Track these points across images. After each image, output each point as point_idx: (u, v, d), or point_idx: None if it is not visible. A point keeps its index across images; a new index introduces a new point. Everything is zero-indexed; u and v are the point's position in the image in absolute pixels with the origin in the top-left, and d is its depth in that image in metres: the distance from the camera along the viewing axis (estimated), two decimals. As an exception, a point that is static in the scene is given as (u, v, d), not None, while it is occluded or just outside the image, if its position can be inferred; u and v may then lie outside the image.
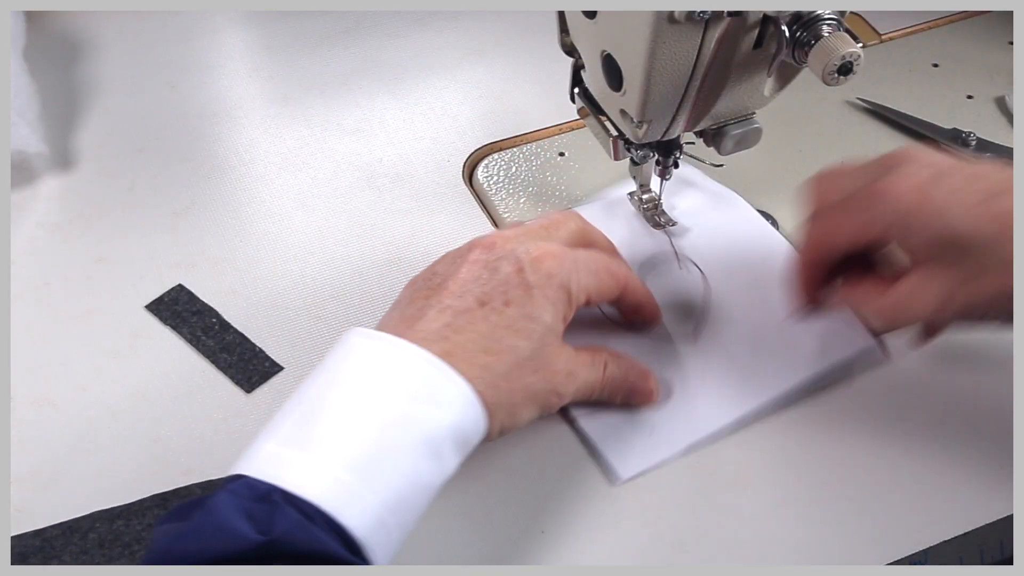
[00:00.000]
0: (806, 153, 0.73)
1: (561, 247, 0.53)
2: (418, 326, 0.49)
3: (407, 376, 0.47)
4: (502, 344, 0.49)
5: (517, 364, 0.50)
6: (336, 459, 0.43)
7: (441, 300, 0.51)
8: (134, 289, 0.65)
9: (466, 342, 0.49)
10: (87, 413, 0.59)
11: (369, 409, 0.45)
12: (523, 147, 0.74)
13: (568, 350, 0.52)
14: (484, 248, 0.53)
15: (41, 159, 0.73)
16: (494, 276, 0.51)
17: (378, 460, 0.44)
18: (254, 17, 0.86)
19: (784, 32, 0.51)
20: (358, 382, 0.47)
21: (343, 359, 0.48)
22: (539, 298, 0.51)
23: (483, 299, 0.50)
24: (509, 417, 0.50)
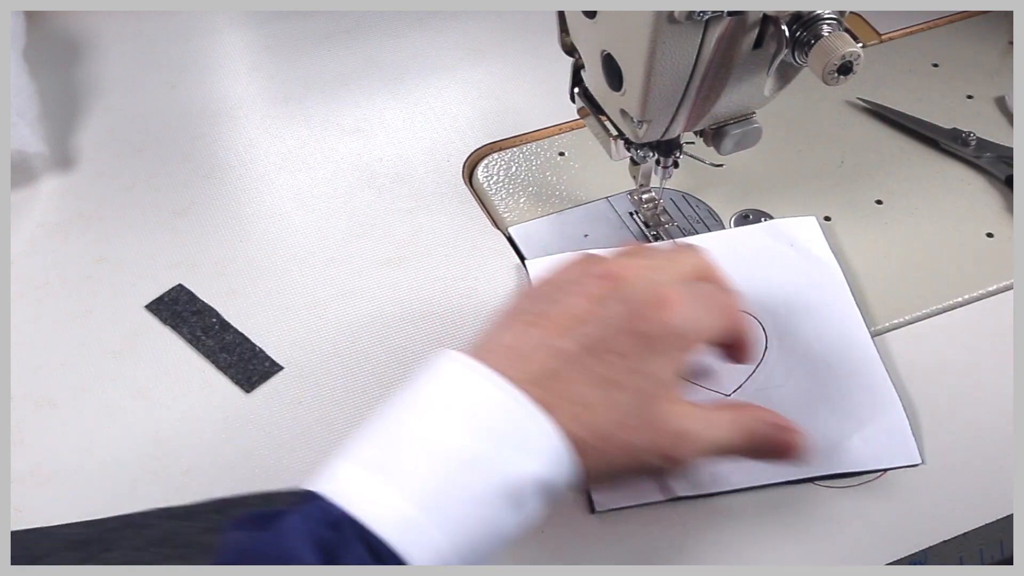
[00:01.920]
0: (806, 153, 0.73)
1: (679, 289, 0.48)
2: (519, 363, 0.45)
3: (499, 419, 0.43)
4: (605, 398, 0.45)
5: (619, 421, 0.45)
6: (412, 493, 0.41)
7: (546, 336, 0.46)
8: (134, 289, 0.65)
9: (567, 391, 0.45)
10: (87, 413, 0.59)
11: (454, 446, 0.42)
12: (523, 147, 0.74)
13: (684, 407, 0.47)
14: (599, 279, 0.48)
15: (41, 159, 0.73)
16: (606, 319, 0.46)
17: (456, 501, 0.41)
18: (254, 17, 0.86)
19: (784, 32, 0.51)
20: (446, 414, 0.43)
21: (433, 381, 0.45)
22: (651, 350, 0.46)
23: (591, 345, 0.46)
24: (606, 476, 0.46)
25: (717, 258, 0.56)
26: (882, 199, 0.70)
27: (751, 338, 0.52)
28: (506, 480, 0.42)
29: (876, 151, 0.73)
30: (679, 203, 0.69)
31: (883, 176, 0.72)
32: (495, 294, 0.65)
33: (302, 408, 0.59)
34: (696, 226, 0.68)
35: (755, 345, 0.53)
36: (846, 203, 0.70)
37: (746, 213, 0.69)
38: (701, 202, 0.70)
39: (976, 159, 0.71)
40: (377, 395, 0.59)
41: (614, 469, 0.46)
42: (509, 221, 0.69)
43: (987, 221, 0.68)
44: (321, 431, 0.58)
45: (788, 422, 0.49)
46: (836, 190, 0.71)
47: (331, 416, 0.58)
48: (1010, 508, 0.53)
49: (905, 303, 0.63)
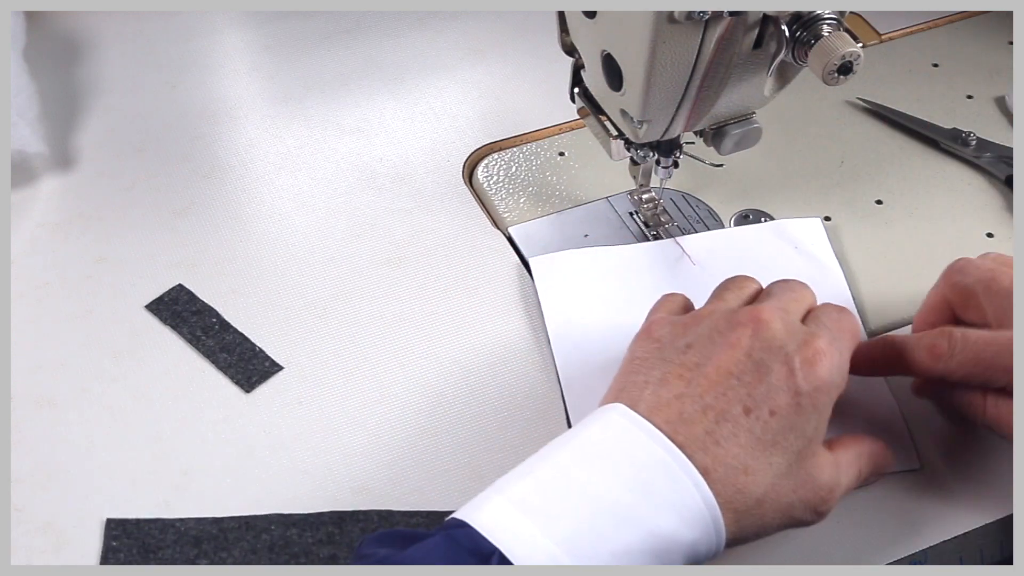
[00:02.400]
0: (806, 153, 0.73)
1: (825, 338, 0.48)
2: (682, 424, 0.45)
3: (659, 478, 0.44)
4: (764, 462, 0.45)
5: (774, 485, 0.45)
6: (564, 541, 0.42)
7: (702, 394, 0.46)
8: (134, 289, 0.65)
9: (726, 457, 0.45)
10: (87, 413, 0.59)
11: (608, 498, 0.43)
12: (523, 147, 0.74)
13: (827, 457, 0.48)
14: (750, 327, 0.48)
15: (41, 159, 0.73)
16: (762, 377, 0.46)
17: (602, 552, 0.42)
18: (254, 17, 0.86)
19: (784, 32, 0.51)
20: (605, 465, 0.44)
21: (598, 432, 0.46)
22: (807, 408, 0.46)
23: (749, 405, 0.46)
24: (754, 535, 0.47)
25: (720, 256, 0.56)
26: (882, 199, 0.70)
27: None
28: (655, 538, 0.43)
29: (876, 151, 0.73)
30: (679, 203, 0.69)
31: (883, 176, 0.72)
32: (495, 294, 0.65)
33: (302, 408, 0.59)
34: (696, 226, 0.68)
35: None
36: (846, 203, 0.70)
37: (746, 213, 0.69)
38: (701, 202, 0.70)
39: (976, 159, 0.71)
40: (377, 395, 0.59)
41: (764, 529, 0.46)
42: (509, 221, 0.69)
43: (987, 221, 0.68)
44: (321, 431, 0.58)
45: (883, 444, 0.52)
46: (836, 190, 0.71)
47: (331, 416, 0.58)
48: (1010, 508, 0.53)
49: (905, 303, 0.63)
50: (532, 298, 0.64)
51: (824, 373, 0.47)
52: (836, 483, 0.48)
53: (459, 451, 0.57)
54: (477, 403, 0.59)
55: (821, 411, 0.47)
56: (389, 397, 0.59)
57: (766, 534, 0.47)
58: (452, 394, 0.59)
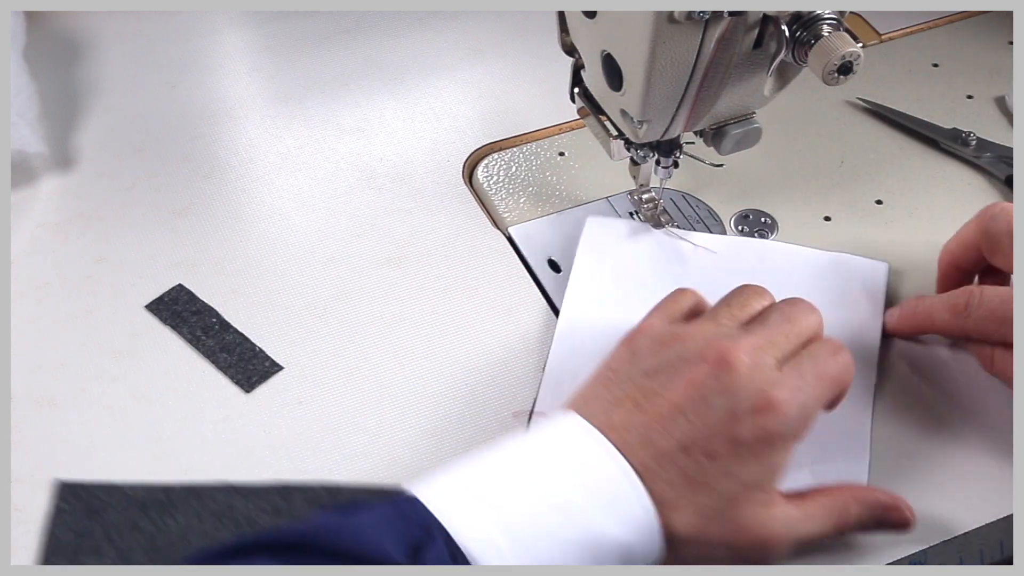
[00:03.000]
0: (806, 153, 0.73)
1: (787, 388, 0.47)
2: (624, 448, 0.46)
3: (601, 481, 0.45)
4: (690, 500, 0.46)
5: (700, 525, 0.46)
6: (503, 522, 0.43)
7: (648, 427, 0.47)
8: (134, 289, 0.65)
9: (657, 490, 0.46)
10: (87, 413, 0.59)
11: (552, 492, 0.45)
12: (523, 147, 0.74)
13: (772, 510, 0.47)
14: (710, 366, 0.47)
15: (41, 159, 0.73)
16: (705, 417, 0.46)
17: (540, 539, 0.44)
18: (254, 17, 0.86)
19: (784, 32, 0.51)
20: (552, 463, 0.46)
21: (551, 434, 0.47)
22: (745, 455, 0.46)
23: (686, 444, 0.46)
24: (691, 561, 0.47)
25: (769, 268, 0.58)
26: (882, 199, 0.70)
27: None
28: (591, 535, 0.44)
29: (876, 151, 0.73)
30: (679, 203, 0.69)
31: (883, 176, 0.72)
32: (495, 294, 0.65)
33: (302, 408, 0.59)
34: (696, 226, 0.68)
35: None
36: (846, 203, 0.70)
37: (746, 213, 0.69)
38: (701, 202, 0.70)
39: (976, 159, 0.71)
40: (377, 395, 0.59)
41: (705, 550, 0.47)
42: (509, 221, 0.69)
43: (987, 221, 0.68)
44: (321, 431, 0.58)
45: (890, 496, 0.50)
46: (836, 190, 0.71)
47: (331, 416, 0.58)
48: (1010, 508, 0.53)
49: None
50: (532, 298, 0.64)
51: (772, 425, 0.46)
52: (772, 537, 0.47)
53: (459, 451, 0.57)
54: (477, 403, 0.59)
55: (766, 460, 0.46)
56: (389, 397, 0.59)
57: (710, 556, 0.47)
58: (452, 394, 0.59)
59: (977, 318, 0.55)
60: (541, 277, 0.66)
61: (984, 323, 0.55)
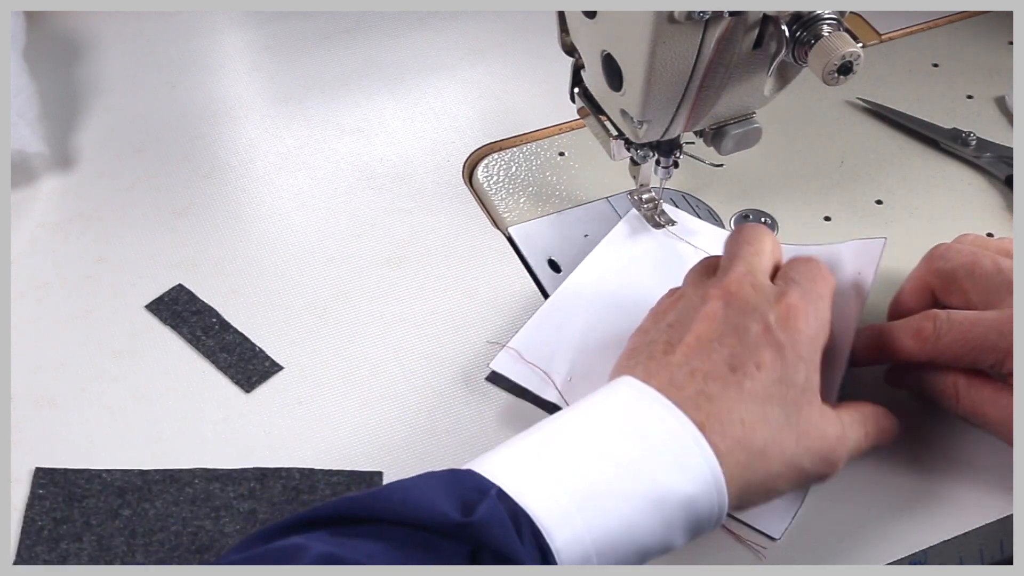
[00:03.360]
0: (806, 153, 0.73)
1: (796, 293, 0.50)
2: (673, 389, 0.46)
3: (660, 433, 0.45)
4: (756, 414, 0.46)
5: (774, 436, 0.46)
6: (564, 484, 0.43)
7: (688, 359, 0.48)
8: (134, 289, 0.65)
9: (720, 412, 0.46)
10: (87, 413, 0.59)
11: (612, 451, 0.44)
12: (523, 147, 0.74)
13: (828, 411, 0.49)
14: (721, 299, 0.50)
15: (41, 159, 0.73)
16: (741, 338, 0.48)
17: (603, 499, 0.43)
18: (254, 17, 0.86)
19: (784, 32, 0.51)
20: (611, 424, 0.46)
21: (604, 400, 0.47)
22: (792, 358, 0.47)
23: (733, 364, 0.47)
24: (761, 495, 0.47)
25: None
26: (882, 199, 0.70)
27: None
28: (656, 489, 0.44)
29: (876, 151, 0.73)
30: (679, 203, 0.70)
31: (883, 176, 0.72)
32: (495, 294, 0.65)
33: (302, 408, 0.59)
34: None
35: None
36: (846, 203, 0.70)
37: (746, 213, 0.69)
38: (701, 202, 0.70)
39: (976, 159, 0.71)
40: (377, 395, 0.59)
41: (773, 484, 0.47)
42: (509, 221, 0.69)
43: (987, 221, 0.68)
44: (321, 431, 0.58)
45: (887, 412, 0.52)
46: (836, 190, 0.71)
47: (331, 416, 0.58)
48: (1010, 508, 0.53)
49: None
50: (532, 298, 0.64)
51: (802, 325, 0.48)
52: (842, 434, 0.48)
53: (459, 451, 0.57)
54: (477, 403, 0.59)
55: (807, 360, 0.48)
56: (389, 397, 0.59)
57: (777, 492, 0.47)
58: (452, 394, 0.59)
59: (948, 342, 0.51)
60: (541, 277, 0.66)
61: (954, 347, 0.51)
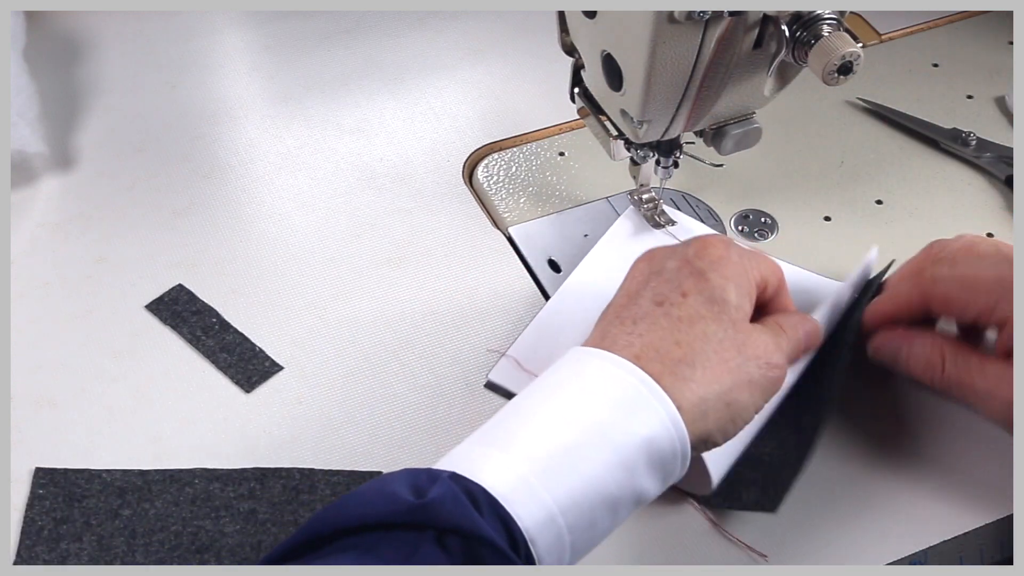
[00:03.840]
0: (806, 153, 0.73)
1: (723, 238, 0.51)
2: (602, 341, 0.48)
3: (597, 379, 0.46)
4: (690, 334, 0.47)
5: (716, 351, 0.47)
6: (513, 452, 0.43)
7: (618, 314, 0.49)
8: (134, 289, 0.65)
9: (654, 341, 0.47)
10: (87, 413, 0.59)
11: (558, 411, 0.45)
12: (523, 147, 0.74)
13: (757, 325, 0.50)
14: (644, 259, 0.52)
15: (41, 159, 0.73)
16: (662, 276, 0.50)
17: (557, 457, 0.43)
18: (254, 17, 0.86)
19: (784, 32, 0.51)
20: (552, 388, 0.46)
21: (548, 373, 0.48)
22: (716, 279, 0.49)
23: (658, 299, 0.49)
24: (721, 412, 0.46)
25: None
26: (882, 199, 0.70)
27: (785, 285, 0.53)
28: (605, 433, 0.44)
29: (876, 151, 0.73)
30: (679, 203, 0.69)
31: (883, 176, 0.72)
32: (495, 294, 0.65)
33: (302, 408, 0.59)
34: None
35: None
36: (846, 203, 0.70)
37: (746, 213, 0.69)
38: (701, 202, 0.70)
39: (976, 159, 0.71)
40: (377, 395, 0.59)
41: (731, 404, 0.47)
42: (509, 221, 0.69)
43: (987, 221, 0.68)
44: (321, 431, 0.58)
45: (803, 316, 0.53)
46: (836, 190, 0.71)
47: (331, 416, 0.58)
48: (1010, 508, 0.53)
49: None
50: (532, 298, 0.64)
51: (717, 252, 0.50)
52: (775, 339, 0.49)
53: (459, 451, 0.57)
54: (477, 403, 0.59)
55: (735, 282, 0.49)
56: (389, 397, 0.59)
57: (738, 406, 0.47)
58: (452, 394, 0.59)
59: (944, 276, 0.51)
60: (541, 277, 0.66)
61: (948, 284, 0.51)
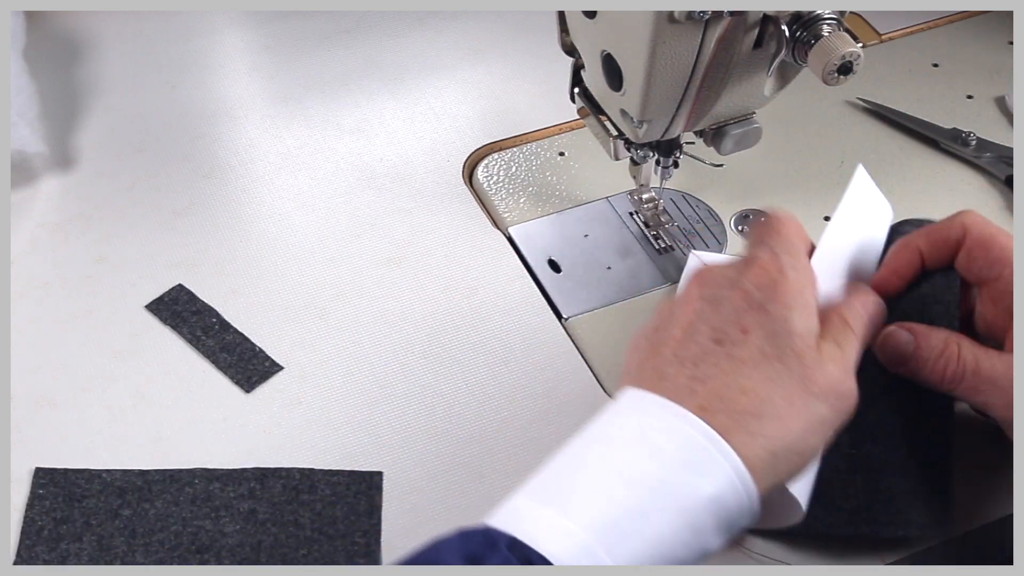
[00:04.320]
0: (806, 153, 0.73)
1: (771, 252, 0.47)
2: (658, 383, 0.44)
3: (662, 436, 0.42)
4: (755, 379, 0.44)
5: (784, 397, 0.43)
6: (579, 518, 0.40)
7: (675, 351, 0.45)
8: (134, 289, 0.65)
9: (718, 388, 0.43)
10: (87, 413, 0.59)
11: (620, 470, 0.42)
12: (523, 147, 0.74)
13: (825, 344, 0.46)
14: (695, 284, 0.48)
15: (41, 159, 0.73)
16: (718, 309, 0.46)
17: (622, 523, 0.40)
18: (254, 17, 0.86)
19: (784, 32, 0.51)
20: (613, 442, 0.43)
21: (605, 420, 0.44)
22: (777, 310, 0.45)
23: (718, 337, 0.45)
24: (792, 460, 0.44)
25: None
26: (882, 199, 0.70)
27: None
28: (678, 499, 0.41)
29: (876, 151, 0.73)
30: (679, 203, 0.70)
31: (883, 176, 0.71)
32: (495, 294, 0.65)
33: (302, 408, 0.59)
34: (696, 226, 0.68)
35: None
36: (846, 203, 0.69)
37: (746, 213, 0.69)
38: (701, 202, 0.70)
39: (976, 159, 0.72)
40: (377, 395, 0.59)
41: (801, 448, 0.44)
42: (509, 221, 0.69)
43: (987, 221, 0.68)
44: (321, 431, 0.58)
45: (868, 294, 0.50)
46: (836, 190, 0.70)
47: (331, 416, 0.58)
48: (1010, 508, 0.53)
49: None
50: (532, 298, 0.64)
51: (778, 278, 0.46)
52: (844, 358, 0.46)
53: (459, 451, 0.57)
54: (477, 403, 0.59)
55: (797, 308, 0.45)
56: (389, 397, 0.59)
57: (809, 450, 0.44)
58: (452, 394, 0.59)
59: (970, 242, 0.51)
60: (541, 277, 0.66)
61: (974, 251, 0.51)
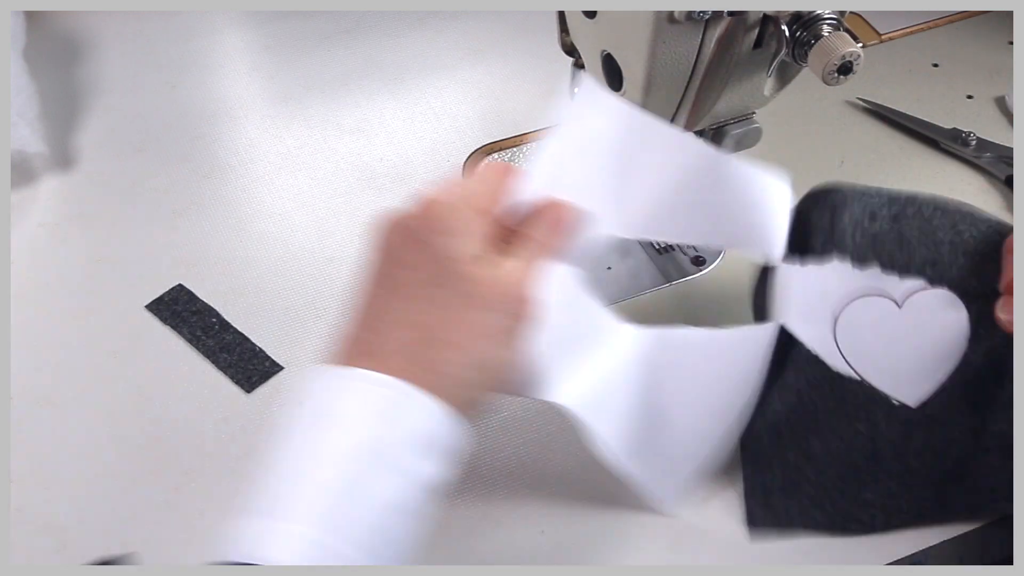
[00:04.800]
0: (806, 153, 0.73)
1: (439, 191, 0.45)
2: (347, 355, 0.44)
3: (349, 404, 0.42)
4: (426, 310, 0.43)
5: (454, 318, 0.42)
6: (296, 515, 0.39)
7: (362, 318, 0.45)
8: (134, 289, 0.65)
9: (383, 327, 0.43)
10: (87, 413, 0.59)
11: (321, 452, 0.41)
12: (523, 147, 0.74)
13: (497, 257, 0.44)
14: (377, 238, 0.46)
15: (41, 159, 0.73)
16: (392, 256, 0.45)
17: (341, 502, 0.40)
18: (254, 17, 0.86)
19: (784, 32, 0.51)
20: (309, 429, 0.42)
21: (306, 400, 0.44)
22: (437, 240, 0.43)
23: (390, 284, 0.44)
24: (487, 373, 0.43)
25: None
26: (882, 199, 0.70)
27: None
28: (369, 451, 0.41)
29: (876, 151, 0.73)
30: (679, 203, 0.69)
31: (883, 176, 0.72)
32: (495, 294, 0.65)
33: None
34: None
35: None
36: (846, 203, 0.69)
37: (746, 213, 0.69)
38: (701, 202, 0.69)
39: (976, 159, 0.72)
40: (377, 395, 0.59)
41: (482, 353, 0.43)
42: (509, 221, 0.69)
43: (987, 221, 0.68)
44: (321, 431, 0.58)
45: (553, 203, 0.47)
46: (836, 190, 0.71)
47: (331, 416, 0.58)
48: (1010, 508, 0.53)
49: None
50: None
51: (439, 208, 0.44)
52: (516, 266, 0.44)
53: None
54: (477, 403, 0.59)
55: (459, 230, 0.43)
56: (389, 397, 0.59)
57: (500, 361, 0.44)
58: (452, 394, 0.59)
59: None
60: (541, 277, 0.65)
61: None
